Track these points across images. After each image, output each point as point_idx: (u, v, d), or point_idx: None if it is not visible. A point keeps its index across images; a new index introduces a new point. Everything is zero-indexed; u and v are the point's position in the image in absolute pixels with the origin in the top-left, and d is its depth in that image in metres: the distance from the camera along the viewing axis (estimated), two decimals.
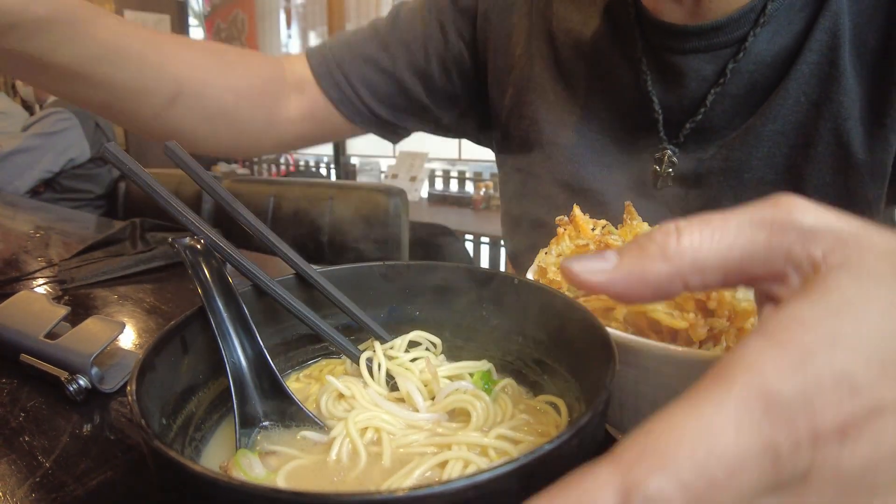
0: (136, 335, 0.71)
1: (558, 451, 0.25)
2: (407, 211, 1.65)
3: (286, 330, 0.47)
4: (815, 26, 0.63)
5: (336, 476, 0.35)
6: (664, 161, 0.71)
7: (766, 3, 0.64)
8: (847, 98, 0.63)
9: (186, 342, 0.38)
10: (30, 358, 0.57)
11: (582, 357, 0.38)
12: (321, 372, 0.48)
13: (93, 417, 0.51)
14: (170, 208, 0.39)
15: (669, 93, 0.70)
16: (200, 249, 0.41)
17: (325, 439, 0.39)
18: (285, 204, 1.79)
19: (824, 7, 0.63)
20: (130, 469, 0.43)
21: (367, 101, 0.86)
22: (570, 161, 0.77)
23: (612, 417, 0.42)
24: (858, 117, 0.64)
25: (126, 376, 0.56)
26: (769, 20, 0.64)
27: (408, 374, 0.43)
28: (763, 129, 0.66)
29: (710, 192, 0.70)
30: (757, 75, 0.66)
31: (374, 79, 0.85)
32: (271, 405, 0.40)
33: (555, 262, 0.50)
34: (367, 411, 0.39)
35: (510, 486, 0.24)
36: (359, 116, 0.87)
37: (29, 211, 1.76)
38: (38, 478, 0.42)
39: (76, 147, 2.37)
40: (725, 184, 0.69)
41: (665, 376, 0.36)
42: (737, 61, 0.66)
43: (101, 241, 1.11)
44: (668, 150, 0.71)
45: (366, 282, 0.49)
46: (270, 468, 0.35)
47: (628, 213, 0.51)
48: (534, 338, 0.44)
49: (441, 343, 0.49)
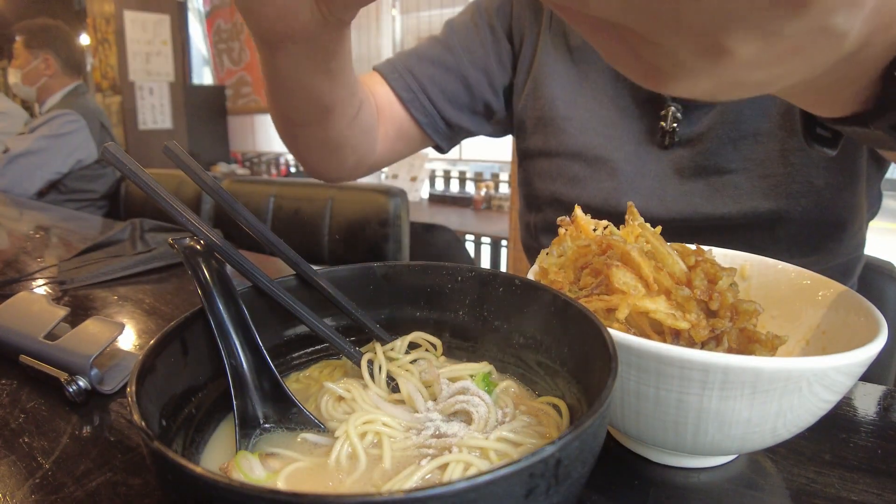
0: (135, 336, 0.70)
1: (560, 453, 0.25)
2: (407, 211, 1.65)
3: (286, 331, 0.47)
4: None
5: (336, 478, 0.35)
6: (669, 117, 0.78)
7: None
8: None
9: (186, 343, 0.38)
10: (29, 359, 0.56)
11: (583, 358, 0.38)
12: (321, 373, 0.48)
13: (92, 419, 0.51)
14: (170, 209, 0.39)
15: None
16: (200, 250, 0.41)
17: (326, 441, 0.38)
18: (285, 204, 1.79)
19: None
20: (130, 470, 0.43)
21: (434, 99, 0.93)
22: (582, 132, 0.85)
23: (613, 419, 0.42)
24: None
25: (126, 377, 0.56)
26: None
27: (408, 376, 0.43)
28: None
29: (712, 147, 0.76)
30: None
31: (442, 78, 0.92)
32: (271, 406, 0.40)
33: (556, 262, 0.49)
34: (367, 413, 0.39)
35: (511, 489, 0.24)
36: (426, 116, 0.94)
37: (31, 211, 1.76)
38: (37, 479, 0.42)
39: (84, 148, 2.37)
40: (725, 136, 0.75)
41: (667, 377, 0.36)
42: None
43: (101, 242, 1.11)
44: (673, 107, 0.78)
45: (366, 282, 0.49)
46: (271, 470, 0.35)
47: (630, 214, 0.51)
48: (535, 339, 0.44)
49: (441, 344, 0.48)
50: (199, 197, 1.94)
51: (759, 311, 0.43)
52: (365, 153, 0.89)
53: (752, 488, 0.42)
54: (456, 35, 0.94)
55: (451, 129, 0.97)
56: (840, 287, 0.48)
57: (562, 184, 0.88)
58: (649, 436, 0.41)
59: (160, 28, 5.05)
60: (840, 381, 0.36)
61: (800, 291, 0.51)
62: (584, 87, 0.86)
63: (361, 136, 0.85)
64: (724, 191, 0.76)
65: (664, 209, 0.79)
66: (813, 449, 0.46)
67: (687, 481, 0.43)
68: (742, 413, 0.36)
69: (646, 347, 0.36)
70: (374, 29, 4.42)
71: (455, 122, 0.96)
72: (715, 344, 0.43)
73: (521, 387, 0.45)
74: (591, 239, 0.48)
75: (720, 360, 0.34)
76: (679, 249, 0.47)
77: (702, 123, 0.77)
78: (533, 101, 0.90)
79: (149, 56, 5.03)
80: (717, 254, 0.55)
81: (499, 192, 3.64)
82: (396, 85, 0.92)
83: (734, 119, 0.74)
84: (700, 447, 0.39)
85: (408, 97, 0.92)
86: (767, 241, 0.76)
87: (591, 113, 0.84)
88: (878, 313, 0.42)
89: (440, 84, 0.93)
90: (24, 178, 2.26)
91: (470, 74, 0.93)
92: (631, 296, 0.42)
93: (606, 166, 0.83)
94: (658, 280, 0.43)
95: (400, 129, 0.94)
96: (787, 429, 0.38)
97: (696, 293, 0.43)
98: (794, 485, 0.42)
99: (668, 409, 0.37)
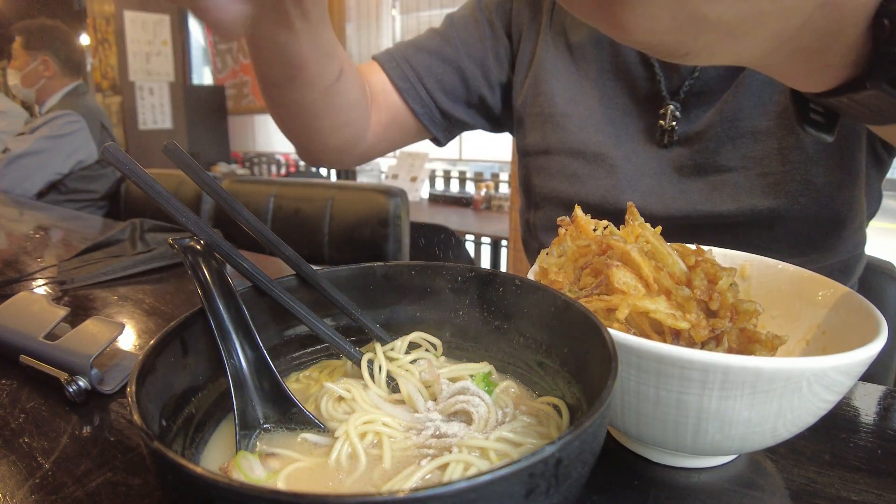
0: (135, 336, 0.70)
1: (560, 453, 0.25)
2: (407, 211, 1.65)
3: (286, 331, 0.47)
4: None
5: (336, 478, 0.35)
6: (667, 116, 0.79)
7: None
8: None
9: (186, 343, 0.38)
10: (29, 359, 0.56)
11: (583, 358, 0.38)
12: (321, 373, 0.48)
13: (92, 419, 0.51)
14: (170, 209, 0.39)
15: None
16: (200, 250, 0.41)
17: (326, 441, 0.38)
18: (285, 204, 1.79)
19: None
20: (130, 470, 0.43)
21: (430, 90, 0.93)
22: (581, 130, 0.85)
23: (613, 419, 0.42)
24: None
25: (126, 377, 0.56)
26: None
27: (408, 376, 0.43)
28: (752, 80, 0.73)
29: (711, 145, 0.76)
30: None
31: (439, 69, 0.93)
32: (271, 406, 0.40)
33: (556, 262, 0.49)
34: (367, 413, 0.39)
35: (511, 489, 0.24)
36: (422, 107, 0.94)
37: (31, 212, 1.76)
38: (37, 479, 0.42)
39: (84, 149, 2.38)
40: (724, 135, 0.75)
41: (667, 377, 0.36)
42: None
43: (101, 242, 1.11)
44: (671, 106, 0.78)
45: (366, 282, 0.49)
46: (271, 470, 0.35)
47: (630, 214, 0.51)
48: (535, 339, 0.44)
49: (441, 344, 0.48)
50: (199, 197, 1.94)
51: (759, 311, 0.43)
52: (352, 135, 0.89)
53: (752, 488, 0.42)
54: (455, 28, 0.95)
55: (447, 120, 0.98)
56: (840, 287, 0.48)
57: (560, 181, 0.88)
58: (649, 436, 0.41)
59: (160, 28, 5.05)
60: (840, 381, 0.36)
61: (800, 291, 0.51)
62: (584, 85, 0.86)
63: (346, 113, 0.84)
64: (722, 189, 0.76)
65: (663, 207, 0.79)
66: (813, 449, 0.46)
67: (687, 481, 0.43)
68: (742, 413, 0.36)
69: (646, 347, 0.36)
70: (375, 29, 4.43)
71: (451, 113, 0.97)
72: (715, 344, 0.43)
73: (522, 387, 0.45)
74: (591, 239, 0.48)
75: (720, 360, 0.34)
76: (679, 249, 0.47)
77: (700, 122, 0.77)
78: (533, 98, 0.91)
79: (149, 56, 5.03)
80: (717, 254, 0.55)
81: (499, 192, 3.65)
82: (393, 74, 0.92)
83: (733, 117, 0.75)
84: (700, 447, 0.39)
85: (404, 86, 0.92)
86: (766, 239, 0.76)
87: (591, 110, 0.85)
88: (878, 313, 0.42)
89: (437, 75, 0.93)
90: (24, 179, 2.26)
91: (466, 67, 0.94)
92: (631, 296, 0.42)
93: (605, 164, 0.83)
94: (658, 280, 0.43)
95: (395, 117, 0.94)
96: (787, 429, 0.38)
97: (696, 293, 0.43)
98: (795, 485, 0.42)
99: (668, 409, 0.37)
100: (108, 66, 5.01)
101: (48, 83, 2.45)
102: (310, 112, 0.82)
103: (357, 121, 0.88)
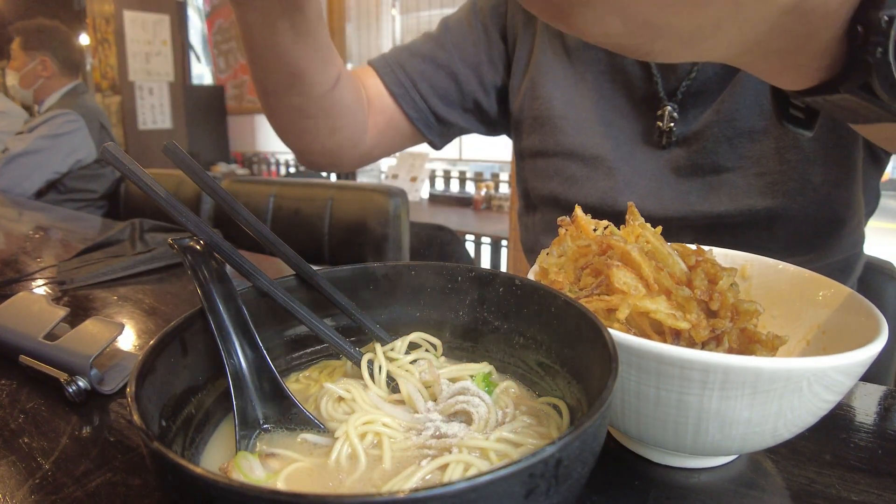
0: (135, 336, 0.70)
1: (560, 453, 0.25)
2: (407, 211, 1.65)
3: (286, 331, 0.47)
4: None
5: (336, 479, 0.35)
6: (665, 117, 0.79)
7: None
8: None
9: (186, 343, 0.38)
10: (29, 359, 0.56)
11: (583, 358, 0.38)
12: (321, 373, 0.48)
13: (92, 419, 0.51)
14: (170, 208, 0.39)
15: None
16: (200, 250, 0.41)
17: (326, 442, 0.38)
18: (285, 204, 1.79)
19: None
20: (130, 470, 0.43)
21: (425, 95, 0.94)
22: (579, 132, 0.85)
23: (613, 419, 0.42)
24: None
25: (125, 378, 0.56)
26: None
27: (408, 376, 0.43)
28: (749, 80, 0.73)
29: (709, 145, 0.76)
30: None
31: (433, 74, 0.94)
32: (271, 407, 0.40)
33: (556, 262, 0.49)
34: (367, 414, 0.39)
35: (511, 489, 0.24)
36: (416, 112, 0.94)
37: (30, 211, 1.76)
38: (37, 479, 0.42)
39: (83, 148, 2.38)
40: (721, 135, 0.75)
41: (667, 377, 0.36)
42: None
43: (101, 242, 1.11)
44: (669, 107, 0.79)
45: (366, 283, 0.49)
46: (271, 470, 0.35)
47: (630, 214, 0.50)
48: (535, 339, 0.44)
49: (441, 344, 0.48)
50: (199, 197, 1.94)
51: (759, 311, 0.43)
52: (349, 139, 0.89)
53: (752, 488, 0.42)
54: (449, 32, 0.95)
55: (442, 125, 0.98)
56: (841, 287, 0.48)
57: (559, 183, 0.88)
58: (649, 436, 0.41)
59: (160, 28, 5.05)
60: (840, 381, 0.36)
61: (800, 291, 0.51)
62: (581, 87, 0.86)
63: (343, 117, 0.85)
64: (720, 189, 0.76)
65: (661, 208, 0.79)
66: (813, 449, 0.46)
67: (687, 481, 0.43)
68: (742, 413, 0.36)
69: (646, 348, 0.36)
70: (375, 29, 4.43)
71: (445, 118, 0.97)
72: (715, 344, 0.43)
73: (522, 387, 0.45)
74: (592, 239, 0.48)
75: (720, 360, 0.34)
76: (679, 249, 0.47)
77: (698, 122, 0.77)
78: (530, 101, 0.91)
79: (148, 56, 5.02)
80: (718, 254, 0.55)
81: (499, 192, 3.65)
82: (388, 79, 0.92)
83: (730, 117, 0.75)
84: (700, 447, 0.39)
85: (398, 91, 0.93)
86: (765, 239, 0.76)
87: (588, 113, 0.85)
88: (878, 313, 0.42)
89: (430, 80, 0.93)
90: (23, 178, 2.26)
91: (460, 72, 0.94)
92: (631, 296, 0.42)
93: (603, 166, 0.83)
94: (658, 280, 0.43)
95: (390, 121, 0.95)
96: (787, 429, 0.38)
97: (696, 293, 0.43)
98: (795, 485, 0.42)
99: (669, 410, 0.37)
100: (107, 66, 5.01)
101: (46, 83, 2.45)
102: (306, 114, 0.82)
103: (354, 125, 0.88)
